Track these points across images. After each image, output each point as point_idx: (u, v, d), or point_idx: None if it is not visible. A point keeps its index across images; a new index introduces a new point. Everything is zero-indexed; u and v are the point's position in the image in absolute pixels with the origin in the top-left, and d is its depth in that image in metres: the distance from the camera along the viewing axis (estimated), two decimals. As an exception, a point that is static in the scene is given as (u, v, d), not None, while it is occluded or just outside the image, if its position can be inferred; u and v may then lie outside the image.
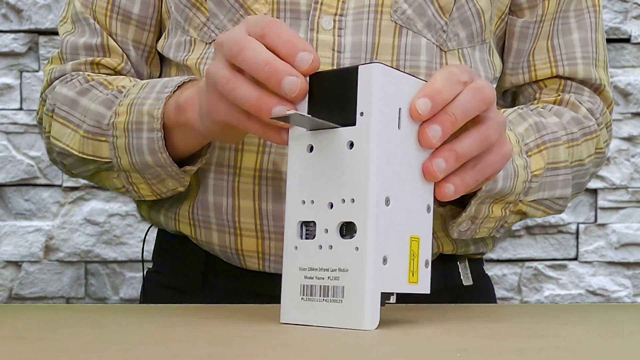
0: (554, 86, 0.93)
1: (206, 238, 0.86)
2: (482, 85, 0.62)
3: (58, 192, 1.53)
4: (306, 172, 0.59)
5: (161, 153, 0.78)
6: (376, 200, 0.56)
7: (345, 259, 0.57)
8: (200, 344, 0.50)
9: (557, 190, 0.86)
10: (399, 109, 0.58)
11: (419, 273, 0.59)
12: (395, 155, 0.57)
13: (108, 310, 0.74)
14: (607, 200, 1.58)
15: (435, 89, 0.59)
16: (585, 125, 0.90)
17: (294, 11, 0.82)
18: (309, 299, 0.58)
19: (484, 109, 0.62)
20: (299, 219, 0.59)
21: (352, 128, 0.57)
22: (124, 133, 0.80)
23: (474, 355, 0.46)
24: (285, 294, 0.60)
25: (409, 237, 0.59)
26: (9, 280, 1.53)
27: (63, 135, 0.86)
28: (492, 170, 0.65)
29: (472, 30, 0.86)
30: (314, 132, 0.59)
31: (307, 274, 0.59)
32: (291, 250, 0.60)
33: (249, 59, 0.60)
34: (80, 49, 0.91)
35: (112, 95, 0.84)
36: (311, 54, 0.59)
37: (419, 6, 0.83)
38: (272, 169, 0.81)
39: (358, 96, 0.57)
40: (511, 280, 1.59)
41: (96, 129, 0.83)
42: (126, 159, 0.81)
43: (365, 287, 0.56)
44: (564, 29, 0.93)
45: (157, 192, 0.83)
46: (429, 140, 0.59)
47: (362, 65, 0.57)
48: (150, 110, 0.78)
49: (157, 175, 0.81)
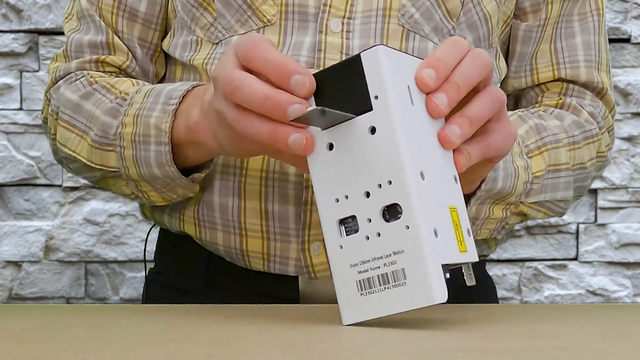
0: (556, 90, 0.93)
1: (211, 238, 0.86)
2: (480, 53, 0.63)
3: (58, 192, 1.53)
4: (331, 171, 0.59)
5: (169, 166, 0.78)
6: (413, 175, 0.56)
7: (397, 241, 0.56)
8: (201, 344, 0.50)
9: (559, 192, 0.86)
10: (407, 86, 0.58)
11: (466, 242, 0.59)
12: (416, 131, 0.57)
13: (108, 310, 0.74)
14: (607, 200, 1.58)
15: (436, 59, 0.60)
16: (587, 129, 0.90)
17: (302, 13, 0.82)
18: (369, 292, 0.57)
19: (485, 74, 0.62)
20: (336, 218, 0.59)
21: (369, 114, 0.57)
22: (132, 144, 0.80)
23: (474, 355, 0.46)
24: (342, 295, 0.59)
25: (448, 208, 0.59)
26: (9, 280, 1.53)
27: (68, 140, 0.86)
28: (499, 138, 0.65)
29: (479, 34, 0.86)
30: (330, 129, 0.59)
31: (360, 269, 0.58)
32: (336, 251, 0.59)
33: (247, 97, 0.60)
34: (85, 46, 0.91)
35: (116, 104, 0.83)
36: (305, 76, 0.59)
37: (426, 10, 0.83)
38: (279, 170, 0.81)
39: (368, 81, 0.57)
40: (511, 280, 1.59)
41: (103, 139, 0.83)
42: (134, 170, 0.81)
43: (428, 261, 0.55)
44: (567, 33, 0.92)
45: (168, 199, 0.84)
46: (436, 108, 0.59)
47: (364, 52, 0.57)
48: (157, 124, 0.77)
49: (166, 185, 0.81)
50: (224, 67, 0.63)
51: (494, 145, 0.65)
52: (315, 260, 0.82)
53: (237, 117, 0.62)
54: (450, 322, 0.63)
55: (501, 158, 0.67)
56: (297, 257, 0.82)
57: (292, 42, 0.82)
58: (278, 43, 0.82)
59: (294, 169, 0.80)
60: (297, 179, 0.81)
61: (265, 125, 0.61)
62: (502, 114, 0.65)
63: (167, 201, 0.84)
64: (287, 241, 0.82)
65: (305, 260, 0.82)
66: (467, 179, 0.69)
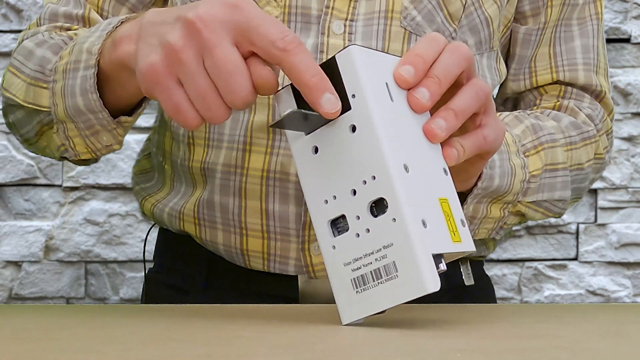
0: (554, 92, 0.93)
1: (211, 237, 0.86)
2: (458, 45, 0.62)
3: (58, 192, 1.53)
4: (318, 173, 0.59)
5: (91, 93, 0.71)
6: (396, 167, 0.56)
7: (386, 235, 0.56)
8: (201, 344, 0.50)
9: (556, 192, 0.86)
10: (386, 83, 0.59)
11: (460, 232, 0.59)
12: (397, 126, 0.58)
13: (108, 310, 0.74)
14: (607, 200, 1.57)
15: (414, 55, 0.60)
16: (584, 130, 0.90)
17: (304, 15, 0.82)
18: (364, 289, 0.58)
19: (465, 65, 0.62)
20: (327, 219, 0.59)
21: (349, 113, 0.57)
22: (62, 75, 0.75)
23: (474, 355, 0.46)
24: (339, 295, 0.59)
25: (437, 199, 0.59)
26: (9, 280, 1.53)
27: (11, 85, 0.81)
28: (492, 131, 0.65)
29: (480, 37, 0.86)
30: (314, 133, 0.59)
31: (353, 267, 0.58)
32: (330, 252, 0.59)
33: (220, 65, 0.58)
34: (59, 16, 0.87)
35: (61, 41, 0.79)
36: (333, 97, 0.57)
37: (428, 13, 0.83)
38: (280, 170, 0.81)
39: (345, 82, 0.57)
40: (511, 280, 1.59)
41: (38, 74, 0.78)
42: (62, 106, 0.75)
43: (417, 250, 0.55)
44: (566, 36, 0.93)
45: (92, 148, 0.77)
46: (419, 102, 0.59)
47: (338, 53, 0.58)
48: (89, 48, 0.72)
49: (90, 126, 0.75)
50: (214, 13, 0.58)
51: (489, 138, 0.65)
52: (315, 260, 0.82)
53: (184, 50, 0.58)
54: (450, 322, 0.63)
55: (493, 153, 0.68)
56: (297, 256, 0.83)
57: None
58: None
59: (295, 169, 0.80)
60: (297, 179, 0.81)
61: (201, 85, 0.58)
62: (489, 106, 0.65)
63: (91, 153, 0.78)
64: (287, 241, 0.82)
65: (305, 260, 0.82)
66: (459, 177, 0.69)
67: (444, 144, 0.61)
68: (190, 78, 0.58)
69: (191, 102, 0.59)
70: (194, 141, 0.85)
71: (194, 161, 0.85)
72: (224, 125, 0.83)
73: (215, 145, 0.84)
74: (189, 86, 0.59)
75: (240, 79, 0.57)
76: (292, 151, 0.61)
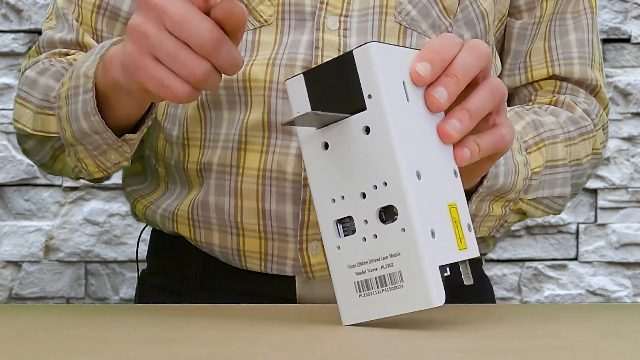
0: (550, 88, 0.93)
1: (206, 239, 0.85)
2: (476, 43, 0.62)
3: (58, 192, 1.53)
4: (327, 170, 0.58)
5: (93, 115, 0.74)
6: (408, 176, 0.55)
7: (394, 243, 0.56)
8: (200, 345, 0.50)
9: (557, 189, 0.86)
10: (403, 82, 0.57)
11: (466, 239, 0.59)
12: (411, 128, 0.57)
13: (108, 310, 0.74)
14: (607, 200, 1.57)
15: (431, 51, 0.59)
16: (582, 125, 0.90)
17: (299, 12, 0.82)
18: (367, 293, 0.57)
19: (483, 65, 0.62)
20: (333, 218, 0.58)
21: (363, 113, 0.56)
22: (65, 101, 0.77)
23: (474, 355, 0.46)
24: (341, 296, 0.59)
25: (447, 205, 0.58)
26: (9, 280, 1.53)
27: (21, 116, 0.84)
28: (509, 131, 0.64)
29: (476, 31, 0.86)
30: (325, 128, 0.58)
31: (357, 270, 0.57)
32: (334, 251, 0.59)
33: (194, 34, 0.61)
34: (57, 42, 0.90)
35: (61, 67, 0.82)
36: None
37: (423, 7, 0.83)
38: (276, 169, 0.81)
39: (361, 80, 0.56)
40: (511, 280, 1.59)
41: (44, 102, 0.81)
42: (69, 130, 0.77)
43: (424, 265, 0.55)
44: (561, 30, 0.93)
45: (102, 167, 0.80)
46: (436, 102, 0.59)
47: (356, 49, 0.56)
48: (85, 72, 0.75)
49: (97, 146, 0.77)
50: None
51: (507, 137, 0.64)
52: (313, 260, 0.82)
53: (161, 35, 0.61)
54: (450, 322, 0.62)
55: (503, 154, 0.67)
56: (295, 256, 0.82)
57: (289, 40, 0.82)
58: (275, 42, 0.82)
59: (292, 168, 0.80)
60: (294, 178, 0.80)
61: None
62: (502, 106, 0.64)
63: (102, 171, 0.81)
64: (284, 241, 0.82)
65: (302, 260, 0.82)
66: (465, 177, 0.68)
67: (457, 144, 0.61)
68: (159, 46, 0.61)
69: (174, 73, 0.61)
70: (189, 142, 0.85)
71: (189, 162, 0.85)
72: (220, 125, 0.83)
73: (211, 146, 0.83)
74: (162, 55, 0.61)
75: (198, 22, 0.60)
76: (301, 144, 0.60)
